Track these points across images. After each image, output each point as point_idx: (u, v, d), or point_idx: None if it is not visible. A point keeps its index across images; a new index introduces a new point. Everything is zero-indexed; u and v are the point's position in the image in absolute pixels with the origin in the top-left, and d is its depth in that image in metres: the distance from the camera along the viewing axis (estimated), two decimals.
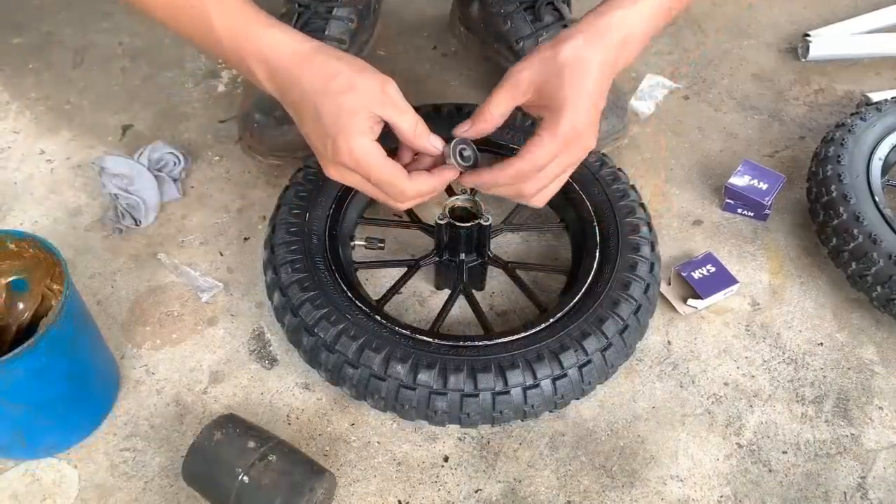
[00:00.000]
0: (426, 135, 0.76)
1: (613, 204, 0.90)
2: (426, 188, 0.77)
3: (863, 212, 0.90)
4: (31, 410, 0.75)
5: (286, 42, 0.73)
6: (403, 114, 0.74)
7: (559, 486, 0.80)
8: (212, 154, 1.10)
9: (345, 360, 0.79)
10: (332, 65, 0.73)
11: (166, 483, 0.80)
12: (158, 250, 0.99)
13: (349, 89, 0.72)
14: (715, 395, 0.87)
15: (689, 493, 0.80)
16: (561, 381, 0.78)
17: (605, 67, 0.74)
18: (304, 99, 0.73)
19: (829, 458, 0.83)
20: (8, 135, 1.12)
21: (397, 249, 0.99)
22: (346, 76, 0.72)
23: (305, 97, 0.73)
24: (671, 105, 1.17)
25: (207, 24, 0.73)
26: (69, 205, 1.03)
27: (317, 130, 0.74)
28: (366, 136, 0.72)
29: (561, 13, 1.10)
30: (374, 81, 0.73)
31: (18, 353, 0.68)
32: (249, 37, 0.73)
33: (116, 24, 1.28)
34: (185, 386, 0.87)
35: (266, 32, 0.73)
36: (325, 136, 0.73)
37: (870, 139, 0.97)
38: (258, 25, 0.73)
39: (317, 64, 0.73)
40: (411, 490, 0.80)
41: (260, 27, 0.73)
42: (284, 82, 0.74)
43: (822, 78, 1.22)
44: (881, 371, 0.89)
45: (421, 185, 0.76)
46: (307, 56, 0.73)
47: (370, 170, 0.73)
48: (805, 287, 0.97)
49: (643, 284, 0.84)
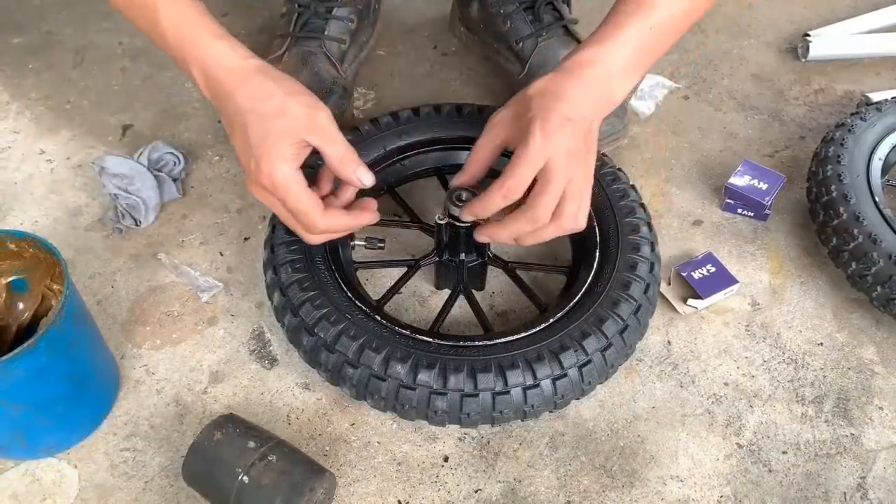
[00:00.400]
0: (353, 165, 0.77)
1: (613, 204, 0.90)
2: (338, 225, 0.79)
3: (863, 212, 0.90)
4: (31, 410, 0.75)
5: (228, 56, 0.75)
6: (332, 143, 0.75)
7: (559, 486, 0.80)
8: (212, 154, 1.10)
9: (345, 360, 0.79)
10: (267, 86, 0.74)
11: (166, 483, 0.80)
12: (158, 250, 0.99)
13: (279, 114, 0.73)
14: (715, 395, 0.87)
15: (689, 493, 0.80)
16: (561, 381, 0.78)
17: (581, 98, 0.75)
18: (236, 115, 0.74)
19: (829, 458, 0.83)
20: (8, 135, 1.12)
21: (397, 249, 0.99)
22: (279, 100, 0.73)
23: (238, 114, 0.74)
24: (671, 105, 1.17)
25: (155, 23, 0.74)
26: (69, 205, 1.03)
27: (244, 148, 0.75)
28: (287, 163, 0.73)
29: (560, 13, 1.10)
30: (305, 108, 0.74)
31: (18, 353, 0.68)
32: (194, 43, 0.75)
33: (117, 24, 1.28)
34: (185, 386, 0.87)
35: (210, 43, 0.74)
36: (250, 155, 0.74)
37: (870, 139, 0.97)
38: (205, 34, 0.75)
39: (253, 83, 0.74)
40: (411, 490, 0.80)
41: (206, 36, 0.75)
42: (219, 95, 0.75)
43: (823, 78, 1.22)
44: (881, 371, 0.89)
45: (333, 221, 0.78)
46: (244, 74, 0.74)
47: (287, 196, 0.75)
48: (805, 287, 0.97)
49: (643, 284, 0.84)
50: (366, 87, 1.19)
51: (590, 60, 0.76)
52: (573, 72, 0.76)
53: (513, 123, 0.77)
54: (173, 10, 0.74)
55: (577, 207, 0.76)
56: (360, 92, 1.18)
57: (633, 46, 0.76)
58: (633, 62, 0.77)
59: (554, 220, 0.75)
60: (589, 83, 0.75)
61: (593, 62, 0.76)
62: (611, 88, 0.77)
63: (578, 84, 0.75)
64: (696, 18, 0.81)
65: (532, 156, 0.72)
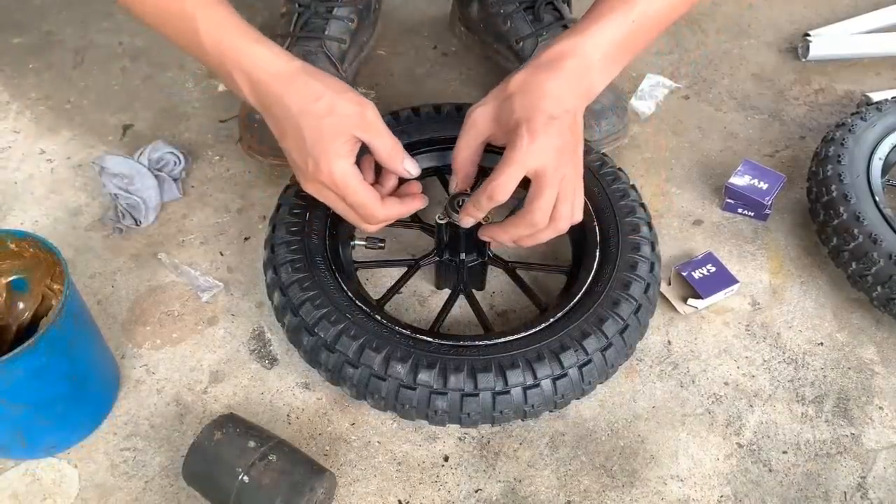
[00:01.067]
0: (400, 158, 0.80)
1: (614, 203, 0.90)
2: (395, 213, 0.82)
3: (863, 211, 0.90)
4: (31, 410, 0.75)
5: (270, 60, 0.75)
6: (381, 137, 0.78)
7: (559, 485, 0.80)
8: (212, 154, 1.10)
9: (345, 360, 0.79)
10: (314, 87, 0.75)
11: (166, 483, 0.80)
12: (159, 250, 0.99)
13: (330, 112, 0.74)
14: (715, 394, 0.87)
15: (689, 492, 0.80)
16: (561, 381, 0.78)
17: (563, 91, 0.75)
18: (286, 118, 0.75)
19: (829, 458, 0.83)
20: (8, 134, 1.12)
21: (398, 249, 0.99)
22: (328, 99, 0.75)
23: (288, 116, 0.75)
24: (671, 105, 1.17)
25: (194, 34, 0.75)
26: (69, 204, 1.03)
27: (298, 148, 0.77)
28: (345, 160, 0.76)
29: (561, 13, 1.10)
30: (353, 105, 0.76)
31: (18, 353, 0.68)
32: (234, 51, 0.75)
33: (117, 23, 1.28)
34: (186, 385, 0.87)
35: (251, 48, 0.75)
36: (307, 155, 0.76)
37: (870, 139, 0.97)
38: (244, 40, 0.75)
39: (299, 85, 0.75)
40: (411, 490, 0.80)
41: (246, 42, 0.75)
42: (267, 99, 0.76)
43: (823, 78, 1.22)
44: (881, 371, 0.89)
45: (391, 210, 0.81)
46: (290, 76, 0.75)
47: (347, 192, 0.77)
48: (805, 287, 0.97)
49: (643, 284, 0.84)
50: (366, 86, 1.19)
51: (569, 51, 0.76)
52: (553, 65, 0.75)
53: (494, 120, 0.78)
54: (212, 20, 0.74)
55: (572, 206, 0.78)
56: (360, 92, 1.18)
57: (613, 38, 0.76)
58: (613, 53, 0.77)
59: (550, 223, 0.77)
60: (569, 75, 0.75)
61: (573, 52, 0.76)
62: (591, 78, 0.77)
63: (558, 77, 0.75)
64: (683, 11, 0.81)
65: (519, 159, 0.74)
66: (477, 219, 0.81)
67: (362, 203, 0.78)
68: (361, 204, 0.78)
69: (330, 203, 0.80)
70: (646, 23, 0.78)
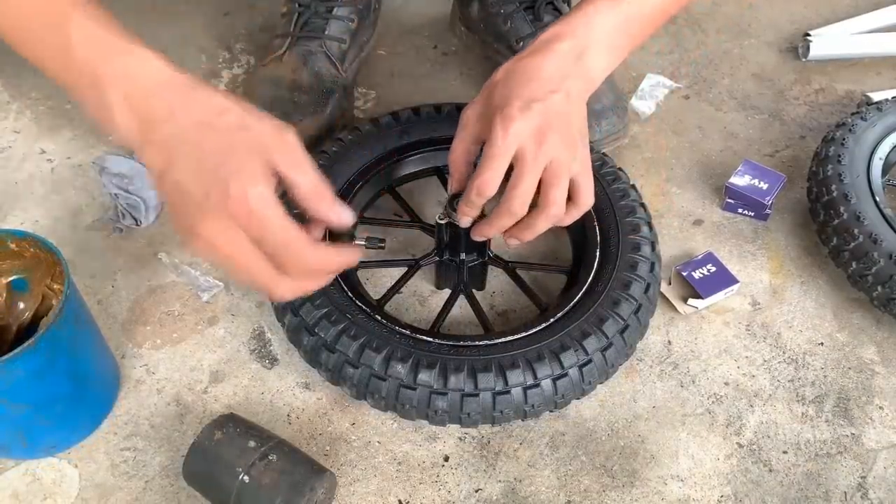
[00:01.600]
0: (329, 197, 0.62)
1: (614, 203, 0.90)
2: (327, 261, 0.65)
3: (863, 211, 0.90)
4: (31, 410, 0.75)
5: (161, 68, 0.60)
6: (302, 169, 0.61)
7: (559, 485, 0.80)
8: None
9: (345, 360, 0.79)
10: (218, 99, 0.60)
11: (167, 483, 0.80)
12: (159, 250, 0.99)
13: (241, 127, 0.59)
14: (715, 394, 0.87)
15: (689, 492, 0.80)
16: (561, 381, 0.78)
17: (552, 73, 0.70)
18: (178, 134, 0.59)
19: (829, 458, 0.83)
20: (9, 134, 1.12)
21: (398, 249, 0.99)
22: (237, 113, 0.60)
23: (183, 133, 0.59)
24: (672, 105, 1.17)
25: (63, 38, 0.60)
26: (70, 204, 1.03)
27: (194, 172, 0.58)
28: (263, 184, 0.58)
29: (561, 13, 1.10)
30: (270, 124, 0.61)
31: (19, 353, 0.68)
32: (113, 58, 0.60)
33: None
34: (186, 385, 0.87)
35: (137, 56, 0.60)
36: (209, 179, 0.58)
37: (870, 139, 0.97)
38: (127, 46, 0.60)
39: (199, 96, 0.60)
40: (412, 490, 0.80)
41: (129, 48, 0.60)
42: (153, 114, 0.59)
43: (823, 77, 1.22)
44: (882, 371, 0.89)
45: (323, 256, 0.63)
46: (186, 86, 0.60)
47: (266, 225, 0.59)
48: (805, 287, 0.97)
49: (643, 284, 0.84)
50: (366, 86, 1.19)
51: (560, 34, 0.72)
52: (540, 49, 0.72)
53: (482, 117, 0.73)
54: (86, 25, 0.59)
55: (562, 191, 0.71)
56: (360, 92, 1.18)
57: (610, 22, 0.72)
58: (611, 37, 0.73)
59: (542, 209, 0.72)
60: (560, 56, 0.71)
61: (564, 35, 0.72)
62: (588, 60, 0.72)
63: (546, 60, 0.70)
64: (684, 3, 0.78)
65: (495, 151, 0.69)
66: (472, 216, 0.78)
67: (285, 242, 0.59)
68: (285, 244, 0.60)
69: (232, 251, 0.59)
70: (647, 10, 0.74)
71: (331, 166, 0.93)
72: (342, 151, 0.94)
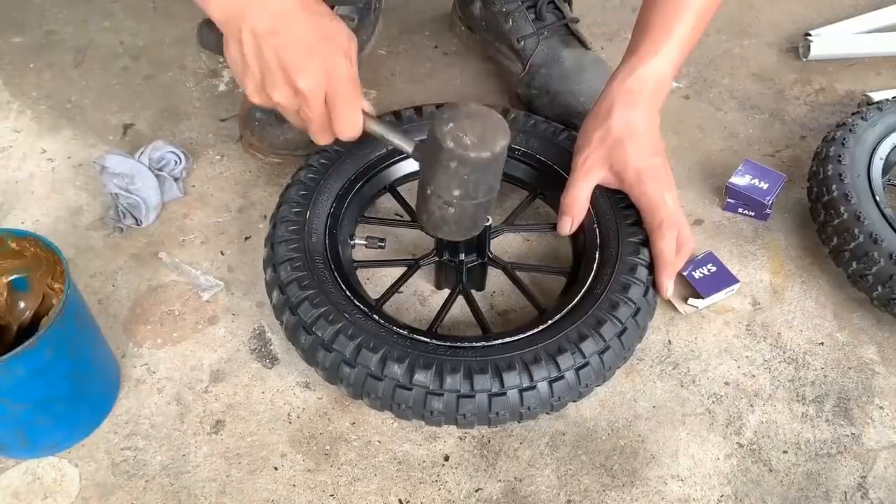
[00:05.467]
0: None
1: (614, 205, 0.90)
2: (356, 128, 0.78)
3: (864, 211, 0.90)
4: (32, 409, 0.75)
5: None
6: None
7: (560, 485, 0.80)
8: (213, 153, 1.10)
9: (342, 359, 0.78)
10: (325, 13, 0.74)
11: (167, 482, 0.80)
12: (159, 249, 0.99)
13: (332, 20, 0.73)
14: (715, 394, 0.87)
15: (689, 492, 0.80)
16: (557, 384, 0.77)
17: (650, 119, 0.86)
18: (284, 11, 0.71)
19: (829, 458, 0.83)
20: (9, 134, 1.12)
21: (397, 249, 0.99)
22: (328, 12, 0.74)
23: (283, 12, 0.71)
24: (672, 104, 1.17)
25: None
26: (70, 204, 1.03)
27: (293, 41, 0.71)
28: (349, 63, 0.74)
29: (562, 12, 1.10)
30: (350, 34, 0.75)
31: (19, 352, 0.68)
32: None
33: (118, 23, 1.28)
34: (186, 385, 0.87)
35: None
36: (308, 48, 0.71)
37: (871, 138, 0.97)
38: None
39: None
40: (412, 489, 0.80)
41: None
42: (240, 6, 0.71)
43: (823, 77, 1.22)
44: (882, 371, 0.89)
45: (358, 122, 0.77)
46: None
47: (345, 88, 0.74)
48: (806, 286, 0.97)
49: (642, 287, 0.84)
50: (367, 86, 1.19)
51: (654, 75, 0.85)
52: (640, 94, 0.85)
53: (604, 164, 0.86)
54: None
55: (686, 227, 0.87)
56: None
57: (680, 46, 0.85)
58: (680, 59, 0.87)
59: (679, 254, 0.86)
60: (657, 97, 0.86)
61: (656, 75, 0.85)
62: (668, 88, 0.88)
63: (652, 106, 0.85)
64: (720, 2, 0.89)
65: (669, 228, 0.85)
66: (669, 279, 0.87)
67: (350, 100, 0.74)
68: (349, 101, 0.74)
69: (302, 109, 0.75)
70: (699, 22, 0.85)
71: (332, 165, 0.93)
72: (343, 151, 0.94)
